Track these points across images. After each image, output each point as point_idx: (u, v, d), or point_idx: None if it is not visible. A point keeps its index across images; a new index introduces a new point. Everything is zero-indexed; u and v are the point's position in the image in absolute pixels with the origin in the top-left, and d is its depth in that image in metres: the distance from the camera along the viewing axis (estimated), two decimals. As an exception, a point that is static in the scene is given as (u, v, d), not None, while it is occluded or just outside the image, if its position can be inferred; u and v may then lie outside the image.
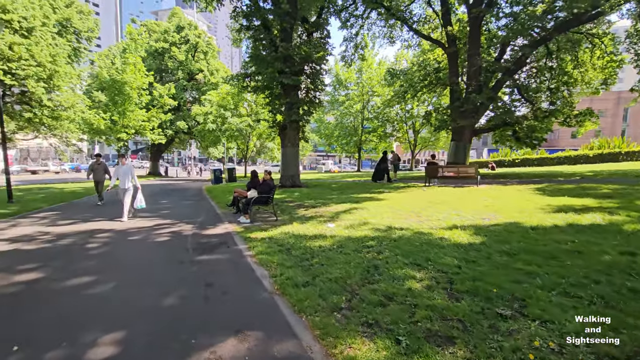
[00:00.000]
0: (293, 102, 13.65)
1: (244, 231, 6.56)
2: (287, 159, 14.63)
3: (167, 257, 4.97)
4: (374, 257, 4.40)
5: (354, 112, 36.61)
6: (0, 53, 17.28)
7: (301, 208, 9.08)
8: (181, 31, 32.42)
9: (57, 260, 4.72)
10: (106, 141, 26.34)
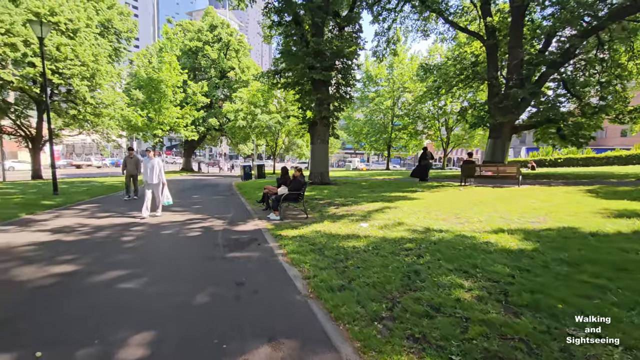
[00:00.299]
0: (323, 98, 13.42)
1: (274, 228, 6.43)
2: (317, 156, 14.44)
3: (198, 252, 4.92)
4: (413, 261, 4.08)
5: (384, 108, 35.86)
6: (48, 54, 18.34)
7: (331, 206, 8.84)
8: (214, 30, 33.13)
9: (93, 253, 4.79)
10: (143, 137, 27.42)
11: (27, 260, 4.42)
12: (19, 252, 4.76)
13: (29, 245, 5.16)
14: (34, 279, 3.73)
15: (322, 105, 13.51)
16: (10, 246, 5.08)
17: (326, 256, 4.47)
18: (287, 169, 9.18)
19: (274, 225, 6.79)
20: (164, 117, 25.76)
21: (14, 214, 7.63)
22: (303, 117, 14.81)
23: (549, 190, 10.31)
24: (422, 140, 39.08)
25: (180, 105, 28.15)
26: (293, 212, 8.28)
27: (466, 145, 39.60)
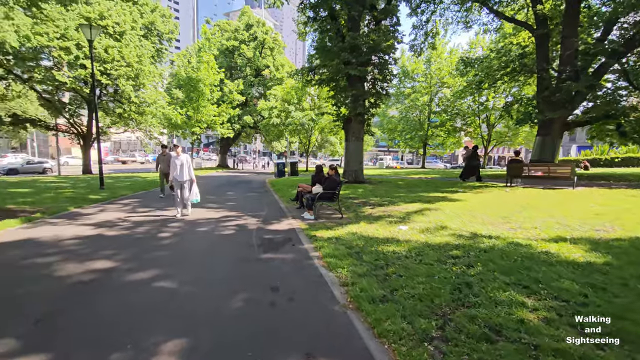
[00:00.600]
0: (359, 94, 13.04)
1: (308, 228, 6.24)
2: (351, 154, 14.11)
3: (232, 252, 4.82)
4: (463, 272, 3.69)
5: (420, 105, 34.64)
6: (98, 56, 19.47)
7: (367, 206, 8.51)
8: (250, 29, 33.66)
9: (132, 249, 4.84)
10: (182, 135, 28.47)
11: (70, 254, 4.55)
12: (64, 246, 4.93)
13: (73, 238, 5.35)
14: (74, 274, 3.78)
15: (357, 102, 13.15)
16: (57, 239, 5.29)
17: (364, 261, 4.18)
18: (321, 167, 8.96)
19: (308, 225, 6.60)
20: (202, 115, 26.55)
21: (64, 207, 8.05)
22: (337, 113, 14.52)
23: (610, 194, 9.29)
24: (460, 137, 37.35)
25: (217, 103, 28.90)
26: (327, 212, 8.05)
27: (509, 143, 37.37)
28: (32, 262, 4.16)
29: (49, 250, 4.67)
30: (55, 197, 9.69)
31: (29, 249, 4.73)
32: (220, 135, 31.48)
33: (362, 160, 14.59)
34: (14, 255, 4.44)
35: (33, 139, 42.26)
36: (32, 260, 4.26)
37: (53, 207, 8.02)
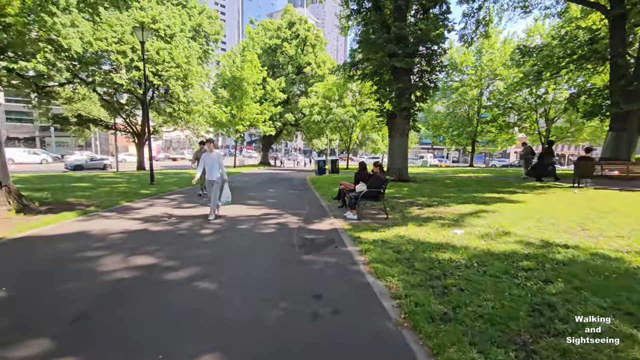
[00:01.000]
0: (405, 87, 12.35)
1: (351, 229, 5.85)
2: (395, 151, 13.45)
3: (272, 252, 4.58)
4: (540, 288, 3.09)
5: (469, 99, 32.58)
6: (150, 58, 20.56)
7: (414, 206, 7.92)
8: (292, 27, 33.83)
9: (173, 246, 4.79)
10: (226, 132, 29.37)
11: (116, 248, 4.58)
12: (112, 240, 5.00)
13: (121, 232, 5.44)
14: (116, 270, 3.74)
15: (402, 96, 12.47)
16: (106, 233, 5.41)
17: (417, 269, 3.71)
18: (365, 164, 8.50)
19: (351, 225, 6.20)
20: (245, 113, 27.13)
21: (117, 202, 8.41)
22: (381, 109, 13.92)
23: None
24: (513, 133, 34.60)
25: (260, 101, 29.40)
26: (371, 212, 7.60)
27: (570, 140, 33.99)
28: (80, 256, 4.22)
29: (96, 244, 4.75)
30: (109, 192, 10.23)
31: (79, 242, 4.85)
32: (262, 133, 32.04)
33: (407, 157, 13.87)
34: (64, 249, 4.56)
35: (96, 138, 46.21)
36: (79, 254, 4.32)
37: (107, 201, 8.41)
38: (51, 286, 3.31)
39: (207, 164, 6.89)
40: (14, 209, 6.66)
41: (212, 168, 6.86)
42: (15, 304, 2.94)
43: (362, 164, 8.41)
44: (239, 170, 24.99)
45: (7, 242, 4.84)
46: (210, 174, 6.89)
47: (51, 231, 5.47)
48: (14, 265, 3.92)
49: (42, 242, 4.85)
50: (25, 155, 33.93)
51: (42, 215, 6.54)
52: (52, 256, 4.24)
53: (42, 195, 8.94)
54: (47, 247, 4.64)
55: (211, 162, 6.86)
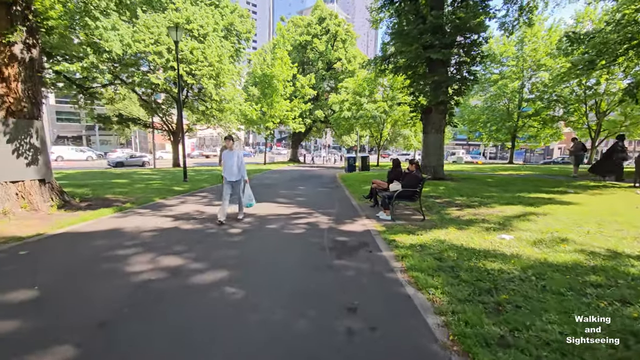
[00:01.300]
0: (441, 80, 11.66)
1: (385, 231, 5.49)
2: (430, 147, 12.80)
3: (302, 255, 4.34)
4: (616, 310, 2.60)
5: (510, 92, 30.66)
6: (184, 57, 21.09)
7: (452, 207, 7.40)
8: (322, 22, 33.51)
9: (201, 245, 4.69)
10: (257, 130, 29.69)
11: (146, 247, 4.55)
12: (143, 238, 5.00)
13: (153, 230, 5.45)
14: (145, 271, 3.67)
15: (438, 89, 11.79)
16: (139, 230, 5.44)
17: (463, 281, 3.31)
18: (399, 161, 8.07)
19: (385, 226, 5.84)
20: (275, 110, 27.24)
21: (151, 198, 8.58)
22: (415, 103, 13.29)
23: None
24: (559, 128, 32.19)
25: (290, 98, 29.42)
26: (406, 212, 7.18)
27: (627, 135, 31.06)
28: (111, 255, 4.21)
29: (128, 242, 4.75)
30: (145, 188, 10.51)
31: (112, 240, 4.88)
32: (292, 130, 32.10)
33: (443, 154, 13.16)
34: (97, 246, 4.59)
35: (136, 136, 48.69)
36: (111, 252, 4.32)
37: (142, 198, 8.60)
38: (80, 287, 3.27)
39: (227, 163, 6.23)
40: (56, 205, 6.93)
41: (231, 167, 6.22)
42: (43, 304, 2.90)
43: (396, 161, 7.99)
44: (269, 167, 25.16)
45: (46, 238, 4.96)
46: (229, 173, 6.24)
47: (88, 228, 5.58)
48: (49, 263, 3.97)
49: (77, 239, 4.93)
50: (73, 153, 36.36)
51: (82, 212, 6.75)
52: (85, 255, 4.26)
53: (83, 191, 9.34)
54: (81, 244, 4.70)
55: (231, 161, 6.21)
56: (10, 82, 6.32)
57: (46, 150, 7.07)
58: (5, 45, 6.21)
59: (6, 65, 6.25)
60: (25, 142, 6.55)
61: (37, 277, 3.47)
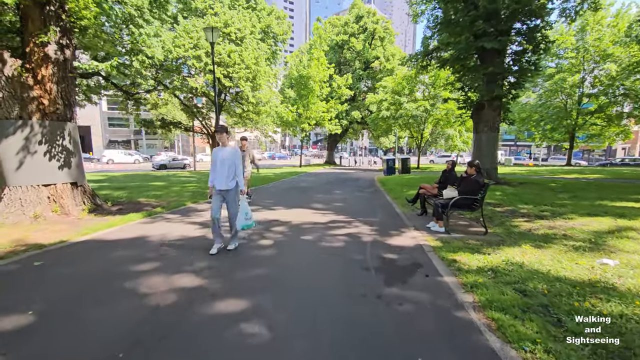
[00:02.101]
0: (496, 72, 10.36)
1: (442, 247, 4.56)
2: (482, 148, 11.48)
3: (342, 278, 3.57)
4: None
5: (568, 87, 27.74)
6: (222, 61, 21.24)
7: (518, 217, 6.26)
8: (360, 20, 32.61)
9: (226, 260, 4.09)
10: (292, 132, 29.40)
11: (166, 261, 4.03)
12: (164, 250, 4.50)
13: (177, 240, 4.96)
14: (157, 293, 3.10)
15: (493, 82, 10.51)
16: (163, 239, 4.98)
17: (572, 332, 2.35)
18: (455, 163, 7.07)
19: (440, 241, 4.90)
20: (311, 111, 26.76)
21: (183, 202, 8.26)
22: (465, 99, 12.03)
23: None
24: (627, 126, 28.58)
25: (326, 99, 28.81)
26: (461, 223, 6.16)
27: None
28: (127, 271, 3.71)
29: (149, 254, 4.26)
30: (179, 191, 10.32)
31: (132, 250, 4.44)
32: (328, 132, 31.47)
33: (497, 156, 11.78)
34: (115, 259, 4.15)
35: (178, 140, 50.77)
36: (128, 267, 3.83)
37: (174, 202, 8.31)
38: (78, 316, 2.74)
39: (216, 163, 4.40)
40: (87, 209, 6.75)
41: (222, 170, 4.36)
42: (26, 340, 2.38)
43: (452, 162, 6.98)
44: (305, 170, 24.68)
45: (67, 246, 4.63)
46: (219, 179, 4.39)
47: (112, 235, 5.22)
48: (58, 279, 3.54)
49: (97, 249, 4.55)
50: (122, 156, 38.52)
51: (111, 217, 6.49)
52: (98, 269, 3.80)
53: (119, 194, 9.28)
54: (99, 255, 4.29)
55: (221, 162, 4.36)
56: (45, 84, 6.21)
57: (79, 153, 6.93)
58: (39, 45, 6.10)
59: (40, 66, 6.15)
60: (58, 145, 6.42)
61: (37, 298, 3.01)
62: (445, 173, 7.13)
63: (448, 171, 7.11)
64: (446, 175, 7.02)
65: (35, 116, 6.14)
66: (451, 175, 6.90)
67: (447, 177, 6.98)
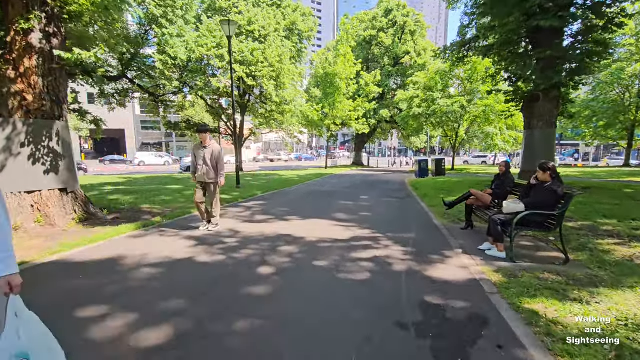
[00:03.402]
0: (557, 55, 8.64)
1: (509, 285, 3.21)
2: (535, 146, 9.76)
3: (365, 343, 2.34)
4: None
5: (627, 78, 24.60)
6: (244, 59, 20.57)
7: (603, 236, 4.73)
8: (389, 14, 30.99)
9: (218, 291, 3.03)
10: (318, 132, 28.33)
11: (130, 298, 3.01)
12: (137, 279, 3.51)
13: (157, 264, 3.95)
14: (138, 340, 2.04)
15: (551, 68, 8.79)
16: (141, 262, 3.99)
17: None
18: (509, 165, 5.65)
19: (503, 274, 3.54)
20: (338, 110, 25.55)
21: (188, 210, 7.36)
22: (513, 90, 10.34)
23: None
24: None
25: (353, 97, 27.48)
26: (523, 242, 4.72)
27: None
28: (75, 317, 2.72)
29: (115, 287, 3.27)
30: (190, 197, 9.49)
31: (98, 279, 3.48)
32: (355, 132, 30.11)
33: (554, 156, 9.98)
34: (71, 291, 3.21)
35: (207, 142, 51.24)
36: (75, 309, 2.84)
37: (178, 210, 7.44)
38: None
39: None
40: (77, 218, 5.97)
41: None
42: None
43: (506, 164, 5.57)
44: (330, 172, 23.49)
45: (23, 270, 3.74)
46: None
47: (86, 254, 4.32)
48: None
49: (59, 274, 3.64)
50: (153, 158, 39.33)
51: (101, 228, 5.66)
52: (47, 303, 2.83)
53: (127, 199, 8.58)
54: (57, 284, 3.37)
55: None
56: (28, 77, 5.47)
57: (70, 155, 6.17)
58: (20, 34, 5.37)
59: (22, 58, 5.42)
60: (44, 146, 5.67)
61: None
62: (499, 177, 5.68)
63: (503, 175, 5.67)
64: (501, 180, 5.57)
65: (17, 114, 5.41)
66: (507, 180, 5.46)
67: (502, 183, 5.55)
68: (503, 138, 23.72)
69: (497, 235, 4.10)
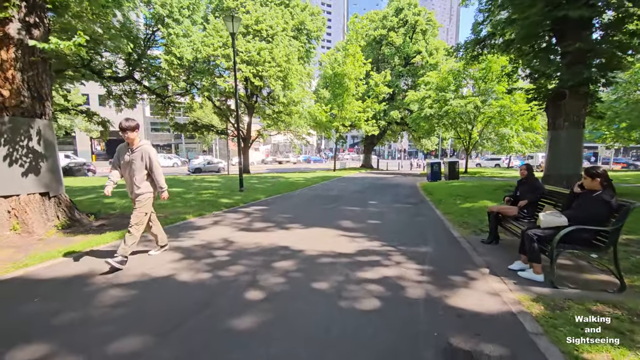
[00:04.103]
0: (585, 48, 7.86)
1: (555, 322, 2.54)
2: (561, 148, 8.94)
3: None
4: None
5: (652, 77, 23.29)
6: (251, 59, 20.13)
7: (658, 255, 3.98)
8: (399, 13, 30.28)
9: (195, 321, 2.42)
10: (327, 134, 27.73)
11: (82, 334, 2.44)
12: (100, 304, 2.95)
13: (130, 284, 3.39)
14: None
15: (579, 63, 8.01)
16: (113, 282, 3.44)
17: None
18: (530, 167, 4.94)
19: (545, 304, 2.87)
20: (346, 112, 24.95)
21: (183, 217, 6.83)
22: (538, 86, 9.55)
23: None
24: None
25: (362, 98, 26.82)
26: (562, 262, 4.02)
27: None
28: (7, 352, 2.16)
29: (68, 316, 2.72)
30: (189, 200, 9.02)
31: (54, 304, 2.95)
32: (365, 133, 29.42)
33: (581, 159, 9.15)
34: (18, 319, 2.65)
35: (216, 143, 51.28)
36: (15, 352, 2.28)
37: (173, 216, 6.92)
38: None
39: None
40: (60, 225, 5.49)
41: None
42: None
43: (528, 167, 4.89)
44: (338, 174, 22.82)
45: (-25, 290, 3.24)
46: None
47: (54, 270, 3.78)
48: None
49: (12, 296, 3.13)
50: (162, 160, 39.28)
51: (83, 236, 5.17)
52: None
53: (122, 203, 8.12)
54: (4, 310, 2.83)
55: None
56: (5, 71, 5.01)
57: (54, 156, 5.70)
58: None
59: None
60: (22, 146, 5.20)
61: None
62: (523, 183, 4.95)
63: (525, 179, 4.94)
64: (528, 186, 4.83)
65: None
66: (536, 186, 4.73)
67: (530, 189, 4.81)
68: (520, 140, 22.72)
69: (533, 254, 3.41)
